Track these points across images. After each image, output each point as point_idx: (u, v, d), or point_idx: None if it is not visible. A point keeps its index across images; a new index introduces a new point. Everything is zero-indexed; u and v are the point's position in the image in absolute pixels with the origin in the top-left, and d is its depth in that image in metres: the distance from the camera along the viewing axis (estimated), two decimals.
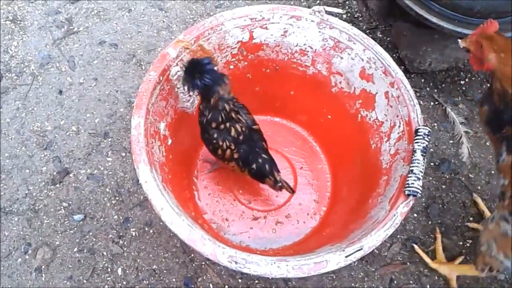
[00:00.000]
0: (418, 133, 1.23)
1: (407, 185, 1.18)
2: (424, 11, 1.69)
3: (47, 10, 2.00)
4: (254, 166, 1.45)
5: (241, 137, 1.39)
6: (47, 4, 2.01)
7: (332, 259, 1.09)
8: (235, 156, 1.43)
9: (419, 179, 1.18)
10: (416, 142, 1.22)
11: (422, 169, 1.20)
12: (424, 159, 1.21)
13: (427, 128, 1.23)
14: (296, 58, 1.52)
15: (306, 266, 1.08)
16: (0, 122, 1.77)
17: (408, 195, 1.17)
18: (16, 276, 1.54)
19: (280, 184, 1.48)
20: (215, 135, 1.38)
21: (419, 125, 1.26)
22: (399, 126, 1.32)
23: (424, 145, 1.22)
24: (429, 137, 1.23)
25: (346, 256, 1.11)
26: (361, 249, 1.12)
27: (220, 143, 1.39)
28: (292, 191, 1.53)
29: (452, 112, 1.85)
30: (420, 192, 1.17)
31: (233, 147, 1.40)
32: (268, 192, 1.62)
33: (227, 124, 1.36)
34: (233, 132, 1.38)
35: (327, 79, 1.53)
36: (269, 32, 1.45)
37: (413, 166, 1.20)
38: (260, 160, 1.44)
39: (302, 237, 1.57)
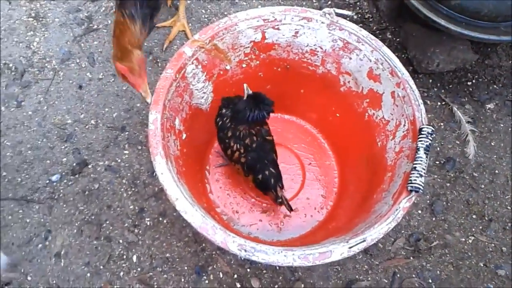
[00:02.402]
0: (422, 132, 1.29)
1: (410, 182, 1.23)
2: (433, 14, 1.74)
3: (68, 8, 2.08)
4: (260, 176, 1.49)
5: (254, 145, 1.46)
6: (68, 2, 2.09)
7: (336, 250, 1.16)
8: (242, 160, 1.49)
9: (421, 176, 1.23)
10: (420, 141, 1.28)
11: (425, 166, 1.25)
12: (427, 157, 1.26)
13: (430, 127, 1.28)
14: (306, 57, 1.58)
15: (311, 256, 1.14)
16: (22, 115, 1.85)
17: (411, 191, 1.22)
18: (36, 261, 1.62)
19: (280, 200, 1.50)
20: (230, 134, 1.46)
21: (423, 124, 1.31)
22: (404, 125, 1.38)
23: (428, 143, 1.27)
24: (432, 136, 1.28)
25: (350, 247, 1.17)
26: (364, 241, 1.18)
27: (232, 144, 1.47)
28: (291, 209, 1.53)
29: (459, 111, 1.90)
30: (422, 188, 1.22)
31: (242, 150, 1.46)
32: None
33: (246, 131, 1.45)
34: (247, 140, 1.45)
35: (336, 78, 1.58)
36: (281, 33, 1.51)
37: (416, 164, 1.25)
38: (267, 173, 1.48)
39: (309, 230, 1.63)
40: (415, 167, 1.25)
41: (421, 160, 1.25)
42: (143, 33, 1.49)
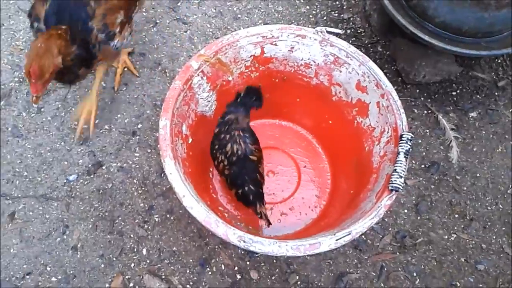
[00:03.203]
0: (402, 138, 1.44)
1: (391, 182, 1.38)
2: (418, 30, 1.89)
3: None
4: (240, 191, 1.60)
5: (234, 158, 1.57)
6: None
7: (325, 242, 1.30)
8: (226, 172, 1.61)
9: (401, 177, 1.38)
10: (400, 146, 1.43)
11: (404, 168, 1.40)
12: (406, 160, 1.41)
13: (410, 133, 1.44)
14: (301, 70, 1.74)
15: (302, 247, 1.29)
16: (42, 120, 2.02)
17: (391, 190, 1.37)
18: (55, 253, 1.78)
19: (259, 216, 1.62)
20: (216, 147, 1.62)
21: (403, 131, 1.46)
22: (388, 132, 1.53)
23: (407, 148, 1.42)
24: (411, 141, 1.43)
25: (337, 240, 1.31)
26: (350, 234, 1.32)
27: (218, 155, 1.61)
28: (269, 224, 1.64)
29: (444, 119, 2.05)
30: (401, 188, 1.37)
31: (226, 162, 1.59)
32: (275, 187, 1.84)
33: (227, 137, 1.59)
34: (228, 148, 1.58)
35: (328, 89, 1.74)
36: (278, 48, 1.67)
37: (396, 166, 1.40)
38: (246, 189, 1.59)
39: (303, 227, 1.78)
40: (395, 169, 1.40)
41: (401, 163, 1.40)
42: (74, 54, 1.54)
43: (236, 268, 1.76)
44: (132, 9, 1.77)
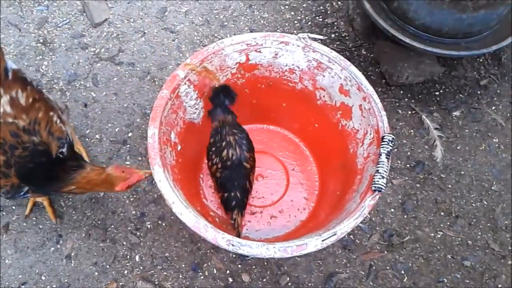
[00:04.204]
0: (384, 139, 1.48)
1: (373, 183, 1.41)
2: (400, 33, 1.94)
3: (72, 34, 2.29)
4: (225, 194, 1.66)
5: (228, 163, 1.63)
6: (73, 29, 2.30)
7: (311, 243, 1.33)
8: (218, 174, 1.67)
9: (383, 177, 1.42)
10: (382, 147, 1.47)
11: (387, 169, 1.44)
12: (388, 161, 1.45)
13: (391, 135, 1.48)
14: (286, 75, 1.78)
15: (289, 248, 1.32)
16: None
17: (374, 190, 1.41)
18: (49, 262, 1.80)
19: (233, 222, 1.66)
20: (213, 149, 1.67)
21: (385, 133, 1.50)
22: (370, 133, 1.57)
23: (389, 149, 1.46)
24: (393, 142, 1.47)
25: (323, 240, 1.34)
26: (335, 234, 1.36)
27: (213, 157, 1.66)
28: (239, 236, 1.65)
29: (427, 119, 2.09)
30: (384, 188, 1.41)
31: (219, 166, 1.65)
32: (264, 190, 1.88)
33: (223, 144, 1.64)
34: (224, 153, 1.63)
35: (312, 93, 1.78)
36: (263, 55, 1.71)
37: (379, 167, 1.44)
38: (232, 194, 1.64)
39: (293, 229, 1.82)
40: (378, 170, 1.43)
41: (383, 164, 1.44)
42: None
43: (228, 271, 1.79)
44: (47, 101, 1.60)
